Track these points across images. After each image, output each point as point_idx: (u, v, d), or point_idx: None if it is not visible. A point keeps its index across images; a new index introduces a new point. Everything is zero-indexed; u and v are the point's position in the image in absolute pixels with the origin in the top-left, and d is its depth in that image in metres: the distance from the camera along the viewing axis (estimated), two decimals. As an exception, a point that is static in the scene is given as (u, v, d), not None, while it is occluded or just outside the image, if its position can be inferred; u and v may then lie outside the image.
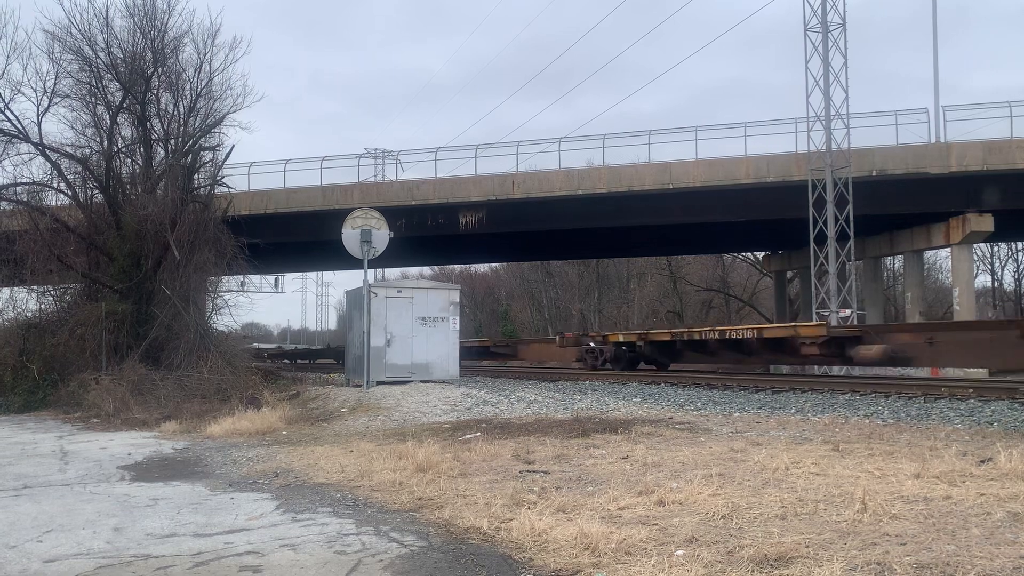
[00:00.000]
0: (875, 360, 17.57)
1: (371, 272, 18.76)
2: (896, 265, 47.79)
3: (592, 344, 24.62)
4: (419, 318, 17.92)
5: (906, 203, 27.58)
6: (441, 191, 31.19)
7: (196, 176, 20.49)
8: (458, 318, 18.63)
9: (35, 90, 19.58)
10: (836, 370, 23.12)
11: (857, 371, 22.13)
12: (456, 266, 65.79)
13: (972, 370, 18.80)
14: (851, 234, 26.89)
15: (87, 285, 19.38)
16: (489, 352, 34.20)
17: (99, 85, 20.32)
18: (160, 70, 20.71)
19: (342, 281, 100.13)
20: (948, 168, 26.69)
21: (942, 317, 38.42)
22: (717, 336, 20.71)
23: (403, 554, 4.56)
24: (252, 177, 32.04)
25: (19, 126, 19.34)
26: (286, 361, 46.84)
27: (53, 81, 19.56)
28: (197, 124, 21.00)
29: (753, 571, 3.93)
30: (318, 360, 45.73)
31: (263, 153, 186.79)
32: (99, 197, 20.12)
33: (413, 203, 31.14)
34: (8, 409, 16.05)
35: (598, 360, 23.90)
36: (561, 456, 7.85)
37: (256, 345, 60.73)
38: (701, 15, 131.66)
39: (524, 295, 64.37)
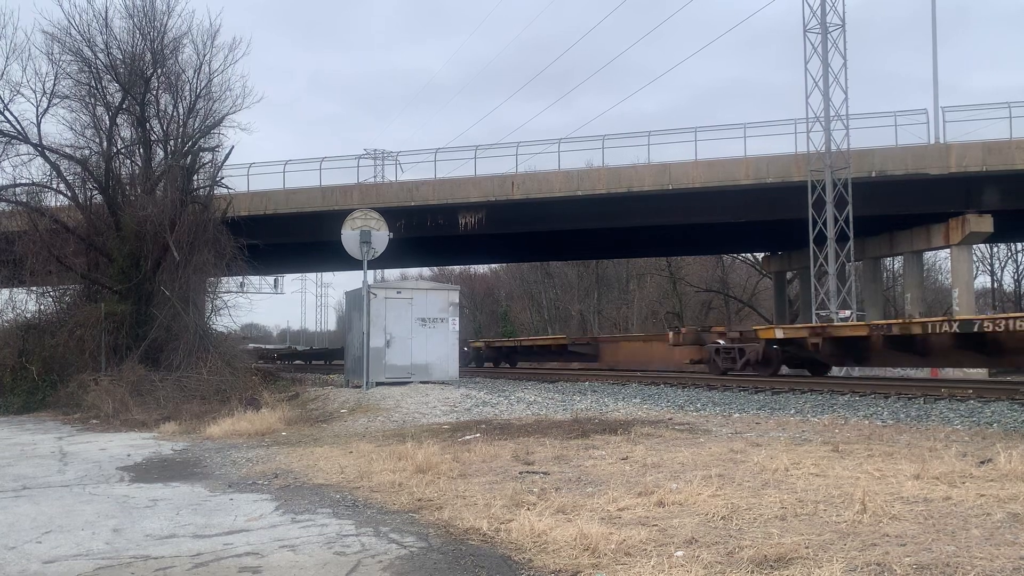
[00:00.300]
0: None
1: (370, 273, 18.77)
2: (896, 266, 47.83)
3: (722, 343, 20.20)
4: (418, 319, 17.92)
5: (906, 204, 27.60)
6: (441, 192, 31.19)
7: (195, 177, 20.50)
8: (458, 319, 18.63)
9: (34, 91, 19.63)
10: (835, 371, 23.11)
11: (857, 372, 22.13)
12: (456, 267, 65.84)
13: (972, 370, 18.80)
14: (851, 235, 26.91)
15: (86, 286, 19.40)
16: (567, 352, 28.81)
17: (98, 86, 20.34)
18: (159, 71, 20.73)
19: (342, 282, 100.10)
20: (948, 169, 26.71)
21: (942, 318, 38.23)
22: (953, 329, 14.83)
23: (403, 555, 4.56)
24: (251, 178, 32.07)
25: (18, 127, 19.39)
26: (299, 362, 46.21)
27: (52, 82, 19.63)
28: (196, 125, 21.02)
29: (753, 572, 3.93)
30: (334, 361, 44.70)
31: (262, 154, 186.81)
32: (98, 198, 20.14)
33: (413, 204, 31.15)
34: (7, 410, 16.05)
35: (736, 363, 19.33)
36: (561, 457, 7.85)
37: (263, 346, 60.43)
38: (701, 15, 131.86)
39: (524, 296, 64.39)
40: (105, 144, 20.32)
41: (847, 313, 27.14)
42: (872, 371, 21.33)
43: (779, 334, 18.92)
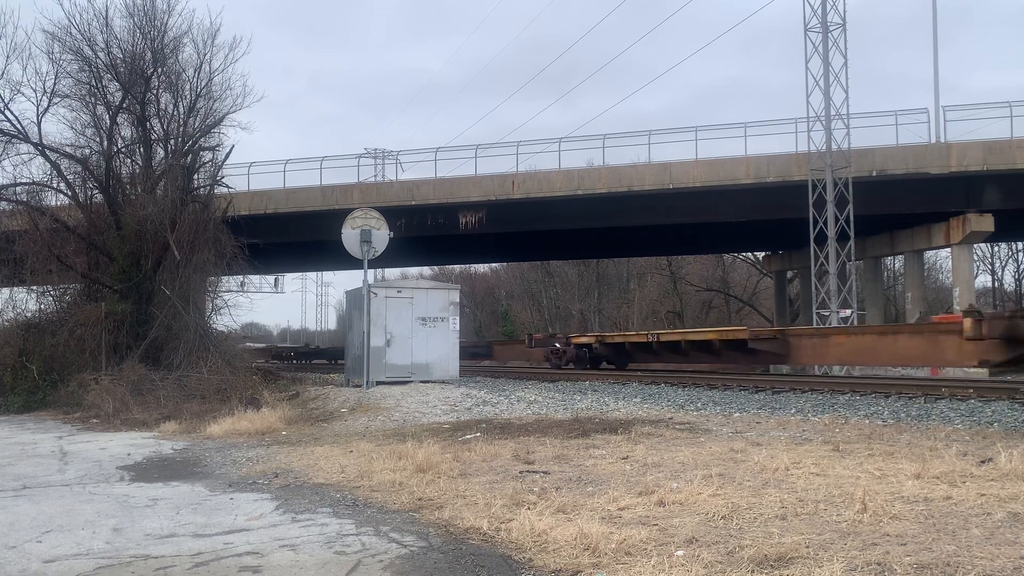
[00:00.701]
0: None
1: (371, 272, 18.78)
2: (896, 265, 47.79)
3: None
4: (419, 318, 17.92)
5: (906, 203, 27.57)
6: (441, 191, 31.18)
7: (196, 176, 20.50)
8: (458, 318, 18.64)
9: (35, 90, 19.59)
10: (836, 370, 23.11)
11: (857, 371, 22.12)
12: (456, 266, 65.82)
13: (972, 370, 18.78)
14: (851, 234, 26.89)
15: (87, 285, 19.38)
16: (745, 348, 20.34)
17: (99, 85, 20.32)
18: (160, 70, 20.70)
19: (342, 281, 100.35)
20: (948, 168, 26.68)
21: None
22: None
23: (403, 554, 4.55)
24: (252, 177, 32.05)
25: (19, 126, 19.37)
26: (323, 361, 45.86)
27: (53, 81, 19.60)
28: (197, 124, 21.00)
29: (753, 571, 3.93)
30: None
31: (263, 153, 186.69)
32: (99, 197, 20.13)
33: (413, 203, 31.13)
34: (8, 409, 16.05)
35: None
36: (561, 456, 7.84)
37: (278, 344, 59.64)
38: (701, 15, 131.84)
39: (524, 295, 64.35)
40: (105, 143, 20.31)
41: (848, 312, 27.14)
42: (872, 370, 21.31)
43: None
